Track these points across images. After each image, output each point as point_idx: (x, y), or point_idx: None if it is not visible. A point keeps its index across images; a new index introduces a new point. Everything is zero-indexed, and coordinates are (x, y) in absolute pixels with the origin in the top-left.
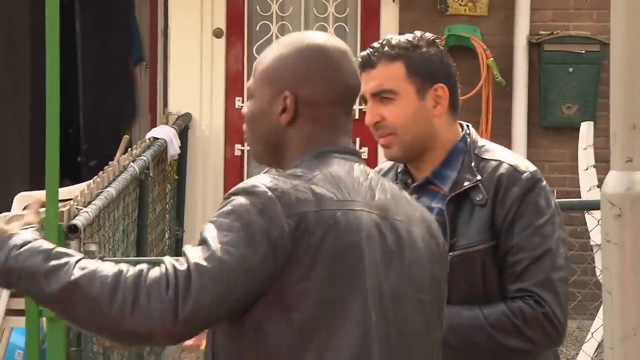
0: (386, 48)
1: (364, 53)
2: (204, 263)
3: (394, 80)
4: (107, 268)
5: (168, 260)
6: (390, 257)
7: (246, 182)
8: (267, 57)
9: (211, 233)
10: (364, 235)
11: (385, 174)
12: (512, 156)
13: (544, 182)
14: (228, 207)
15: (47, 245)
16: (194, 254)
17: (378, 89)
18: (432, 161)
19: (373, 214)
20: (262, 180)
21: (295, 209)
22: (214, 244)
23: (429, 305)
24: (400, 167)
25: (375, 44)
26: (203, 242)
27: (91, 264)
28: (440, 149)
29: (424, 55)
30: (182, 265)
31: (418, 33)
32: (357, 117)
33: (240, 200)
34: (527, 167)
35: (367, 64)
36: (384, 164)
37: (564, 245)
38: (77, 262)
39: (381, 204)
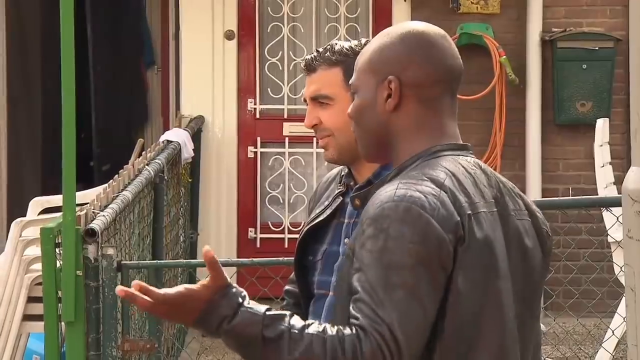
0: (328, 53)
1: (308, 57)
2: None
3: (332, 85)
4: (317, 343)
5: None
6: (509, 253)
7: (393, 200)
8: (367, 50)
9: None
10: (492, 238)
11: (332, 181)
12: None
13: None
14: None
15: (257, 310)
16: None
17: (316, 93)
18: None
19: (493, 212)
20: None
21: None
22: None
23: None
24: (345, 171)
25: (320, 49)
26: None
27: (302, 338)
28: None
29: None
30: None
31: (364, 40)
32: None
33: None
34: None
35: (309, 68)
36: (331, 172)
37: None
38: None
39: (496, 200)
